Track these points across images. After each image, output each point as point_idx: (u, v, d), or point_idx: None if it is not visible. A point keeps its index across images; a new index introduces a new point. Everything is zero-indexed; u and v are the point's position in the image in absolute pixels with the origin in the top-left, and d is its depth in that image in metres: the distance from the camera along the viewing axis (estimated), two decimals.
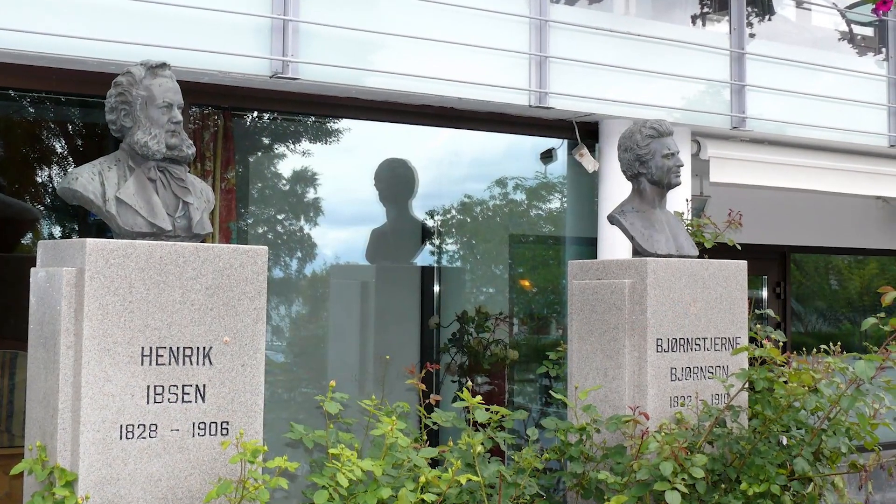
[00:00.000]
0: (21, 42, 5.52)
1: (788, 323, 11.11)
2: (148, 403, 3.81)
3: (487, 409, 4.49)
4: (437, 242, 10.23)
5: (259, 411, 4.06)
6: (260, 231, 9.44)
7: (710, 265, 5.34)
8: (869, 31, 9.55)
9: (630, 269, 5.16)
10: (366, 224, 9.74)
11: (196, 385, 3.91)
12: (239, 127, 8.16)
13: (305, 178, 9.70)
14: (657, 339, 5.08)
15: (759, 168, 8.51)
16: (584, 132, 7.89)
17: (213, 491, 3.72)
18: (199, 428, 3.92)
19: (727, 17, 8.35)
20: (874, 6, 6.71)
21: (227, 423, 3.97)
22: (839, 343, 5.49)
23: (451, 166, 10.18)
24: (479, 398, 4.47)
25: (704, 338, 5.27)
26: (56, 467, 3.70)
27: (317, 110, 7.45)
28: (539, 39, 7.22)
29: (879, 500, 8.84)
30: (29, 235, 8.75)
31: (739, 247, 6.24)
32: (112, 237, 3.96)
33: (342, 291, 9.69)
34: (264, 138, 9.23)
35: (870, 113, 9.01)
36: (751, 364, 5.22)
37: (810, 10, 9.63)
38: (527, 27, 7.24)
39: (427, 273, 9.60)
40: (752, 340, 5.70)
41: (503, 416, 4.55)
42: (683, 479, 4.41)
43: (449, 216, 10.43)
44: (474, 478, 4.20)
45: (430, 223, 10.12)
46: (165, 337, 3.86)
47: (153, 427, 3.82)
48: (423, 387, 4.79)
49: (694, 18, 8.45)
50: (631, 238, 5.35)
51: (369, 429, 4.40)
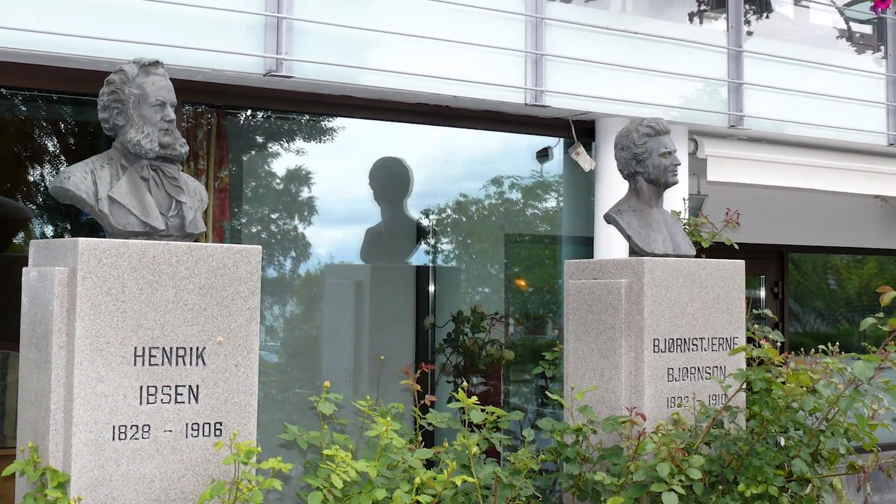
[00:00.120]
0: (12, 40, 5.49)
1: (786, 323, 11.10)
2: (141, 404, 3.79)
3: (483, 410, 4.48)
4: (433, 242, 10.20)
5: (253, 412, 4.04)
6: (254, 230, 9.41)
7: (708, 265, 5.31)
8: (867, 29, 9.54)
9: (627, 269, 5.13)
10: (360, 223, 9.71)
11: (189, 386, 3.89)
12: (232, 125, 8.13)
13: (299, 177, 9.66)
14: (654, 340, 5.06)
15: (757, 167, 8.49)
16: (581, 131, 7.87)
17: (207, 492, 3.69)
18: (193, 429, 3.90)
19: (724, 15, 8.33)
20: (873, 3, 6.69)
21: (221, 424, 3.95)
22: (837, 343, 5.47)
23: (447, 165, 10.16)
24: (475, 399, 4.44)
25: (702, 338, 5.24)
26: (48, 468, 3.68)
27: (311, 109, 7.43)
28: (535, 37, 7.19)
29: (878, 502, 8.83)
30: (21, 235, 8.71)
31: (737, 246, 6.21)
32: (104, 236, 3.94)
33: (336, 291, 9.66)
34: (258, 137, 9.21)
35: (868, 111, 9.00)
36: (748, 364, 5.20)
37: (808, 8, 9.62)
38: (522, 25, 7.21)
39: (422, 273, 9.57)
40: (750, 340, 5.68)
41: (499, 417, 4.54)
42: (680, 481, 4.40)
43: (444, 215, 10.39)
44: (470, 479, 4.19)
45: (426, 222, 10.09)
46: (158, 337, 3.83)
47: (146, 428, 3.80)
48: (419, 387, 4.76)
49: (691, 16, 8.43)
50: (628, 237, 5.33)
51: (364, 430, 4.38)
